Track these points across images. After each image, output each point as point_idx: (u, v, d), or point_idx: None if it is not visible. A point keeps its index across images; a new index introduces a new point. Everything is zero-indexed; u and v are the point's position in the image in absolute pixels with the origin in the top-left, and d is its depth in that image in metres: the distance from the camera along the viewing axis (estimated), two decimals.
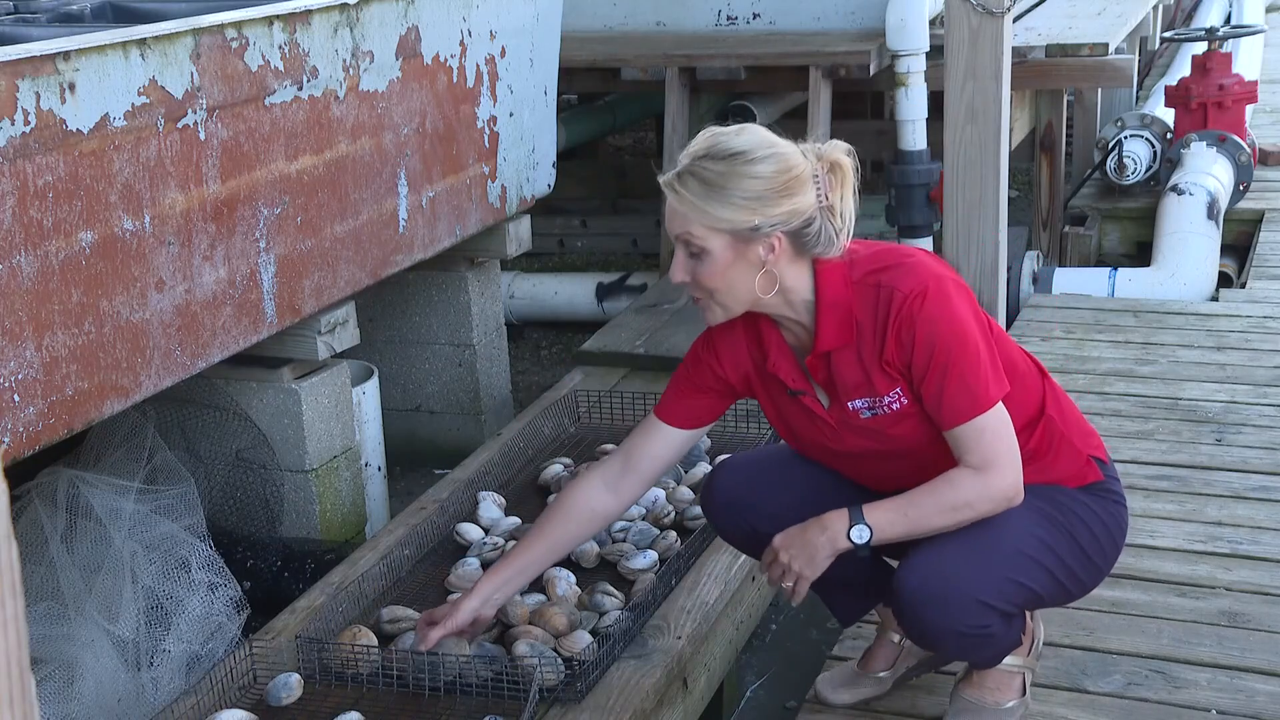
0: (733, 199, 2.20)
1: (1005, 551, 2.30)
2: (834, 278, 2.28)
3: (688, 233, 2.24)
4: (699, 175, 2.21)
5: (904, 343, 2.24)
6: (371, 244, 3.87)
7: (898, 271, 2.26)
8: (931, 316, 2.22)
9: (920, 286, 2.23)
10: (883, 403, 2.30)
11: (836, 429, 2.37)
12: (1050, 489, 2.37)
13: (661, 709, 2.75)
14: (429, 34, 4.05)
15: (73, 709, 3.08)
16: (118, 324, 3.00)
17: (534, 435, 3.90)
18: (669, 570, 3.06)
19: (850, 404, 2.33)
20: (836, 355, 2.31)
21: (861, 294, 2.27)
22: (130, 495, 3.40)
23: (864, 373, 2.30)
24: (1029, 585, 2.32)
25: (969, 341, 2.23)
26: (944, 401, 2.24)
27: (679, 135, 5.96)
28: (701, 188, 2.21)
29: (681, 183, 2.23)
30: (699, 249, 2.24)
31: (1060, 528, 2.35)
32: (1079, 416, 2.48)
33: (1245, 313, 5.16)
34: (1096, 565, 2.43)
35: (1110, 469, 2.47)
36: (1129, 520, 2.49)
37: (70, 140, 2.83)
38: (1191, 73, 6.77)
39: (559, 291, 6.22)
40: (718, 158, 2.21)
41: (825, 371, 2.34)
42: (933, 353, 2.22)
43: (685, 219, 2.23)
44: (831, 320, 2.28)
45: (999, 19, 4.15)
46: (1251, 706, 2.70)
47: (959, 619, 2.27)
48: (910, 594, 2.29)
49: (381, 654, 2.77)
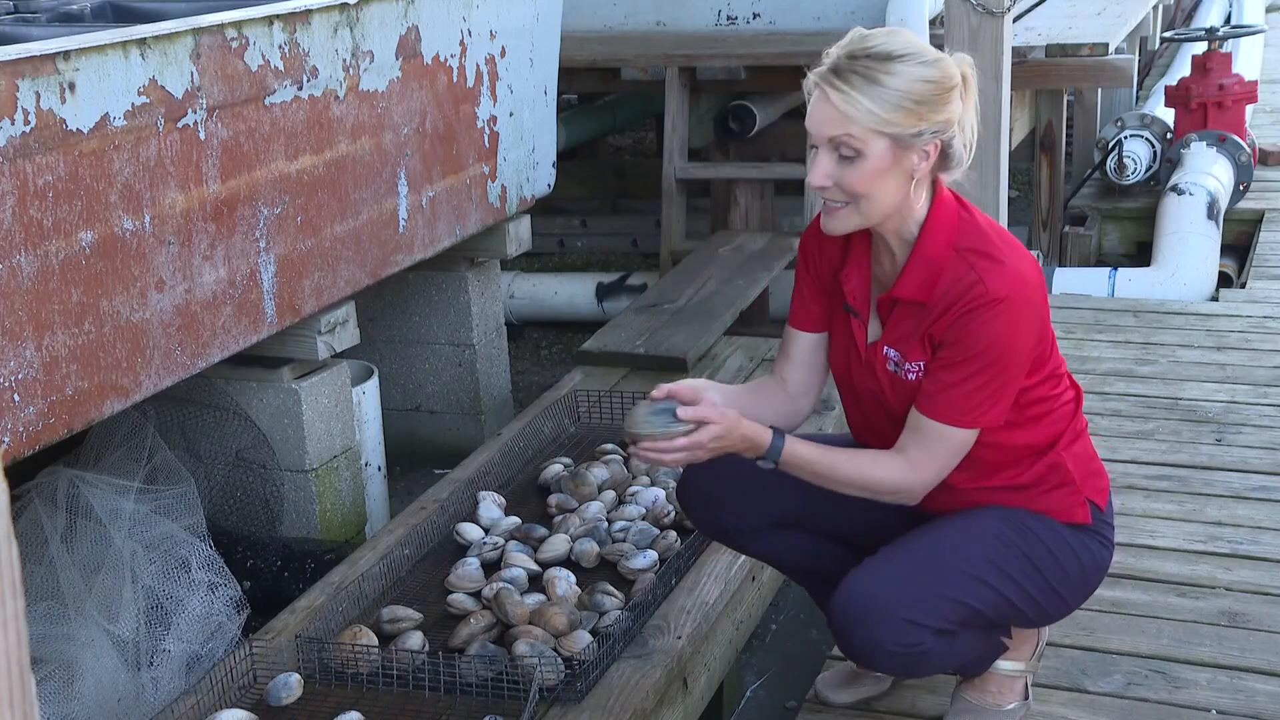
0: (902, 101, 2.12)
1: (944, 569, 2.29)
2: (942, 233, 2.24)
3: (847, 134, 2.13)
4: (864, 74, 2.11)
5: (953, 328, 2.21)
6: (371, 244, 3.87)
7: (993, 266, 2.20)
8: (991, 323, 2.18)
9: (1002, 295, 2.18)
10: (904, 367, 2.29)
11: (863, 362, 2.35)
12: (1027, 516, 2.35)
13: (661, 709, 2.75)
14: (429, 34, 4.05)
15: (73, 709, 3.08)
16: (118, 324, 3.00)
17: (534, 435, 3.90)
18: (669, 570, 3.06)
19: (886, 349, 2.31)
20: (903, 303, 2.29)
21: (955, 264, 2.22)
22: (130, 495, 3.40)
23: (913, 332, 2.28)
24: (968, 603, 2.29)
25: (1003, 366, 2.21)
26: (939, 391, 2.23)
27: (679, 135, 5.96)
28: (869, 86, 2.12)
29: (844, 80, 2.12)
30: (855, 151, 2.14)
31: (1020, 554, 2.33)
32: (1091, 457, 2.44)
33: (1245, 313, 5.16)
34: (1062, 597, 2.41)
35: (1105, 515, 2.44)
36: (1110, 562, 2.47)
37: (70, 140, 2.83)
38: (1191, 73, 6.77)
39: (559, 291, 6.22)
40: (880, 58, 2.13)
41: (887, 311, 2.32)
42: (967, 351, 2.20)
43: (845, 120, 2.13)
44: (918, 273, 2.25)
45: (999, 19, 4.16)
46: (1251, 706, 2.70)
47: (886, 637, 2.25)
48: (838, 613, 2.28)
49: (381, 654, 2.76)
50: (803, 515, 2.50)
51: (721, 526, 2.55)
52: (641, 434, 2.21)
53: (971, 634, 2.37)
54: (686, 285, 5.22)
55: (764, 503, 2.49)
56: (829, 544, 2.54)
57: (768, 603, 3.44)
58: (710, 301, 5.02)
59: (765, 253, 5.63)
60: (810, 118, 2.18)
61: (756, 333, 5.07)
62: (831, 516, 2.50)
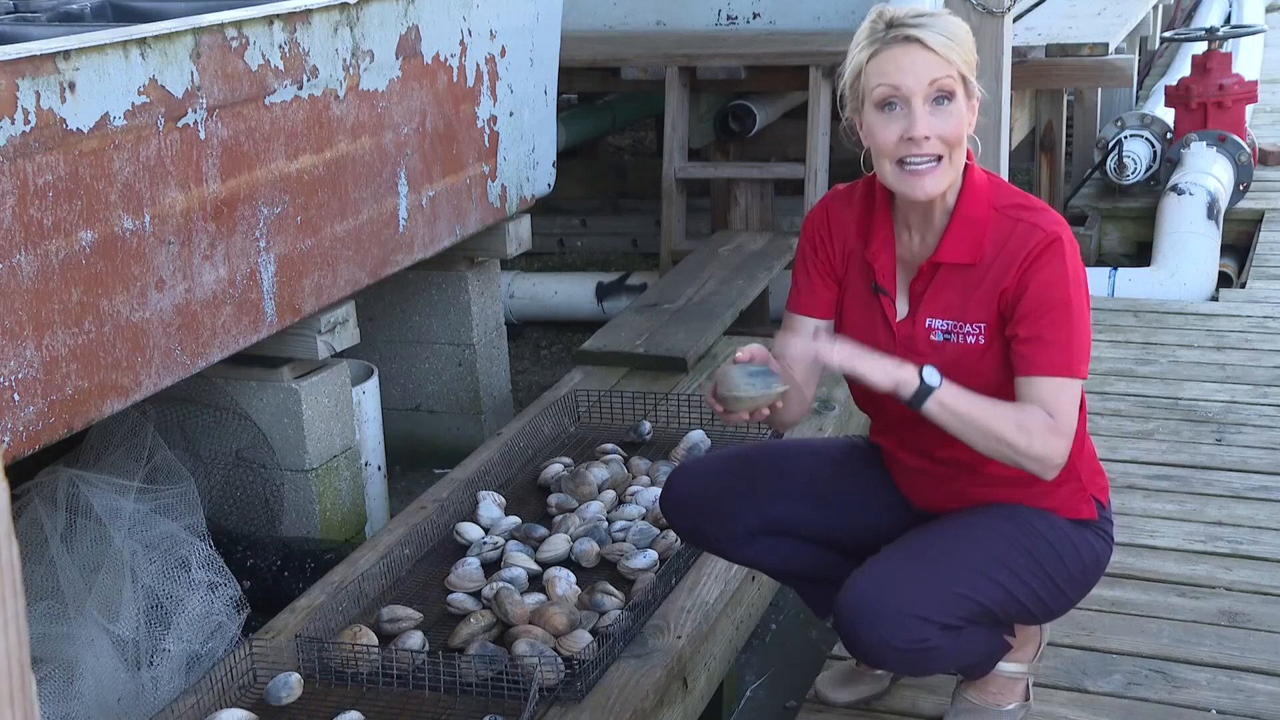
0: (968, 45, 2.23)
1: (951, 566, 2.28)
2: (980, 194, 2.28)
3: (948, 75, 2.19)
4: (933, 26, 2.20)
5: (1025, 276, 2.21)
6: (371, 243, 3.87)
7: (1040, 213, 2.26)
8: (1063, 259, 2.21)
9: (1058, 233, 2.23)
10: (963, 330, 2.27)
11: (896, 340, 2.33)
12: (1033, 513, 2.36)
13: (661, 709, 2.75)
14: (429, 33, 4.05)
15: (73, 708, 3.08)
16: (118, 323, 3.00)
17: (534, 435, 3.90)
18: (669, 570, 3.06)
19: (929, 321, 2.30)
20: (946, 270, 2.29)
21: (1000, 222, 2.26)
22: (130, 495, 3.40)
23: (964, 296, 2.27)
24: (975, 599, 2.29)
25: (1084, 307, 2.24)
26: (1041, 348, 2.20)
27: (679, 135, 5.96)
28: (946, 28, 2.21)
29: (927, 29, 2.19)
30: (950, 94, 2.20)
31: (1025, 550, 2.33)
32: (1094, 456, 2.46)
33: (1245, 313, 5.16)
34: (1065, 593, 2.41)
35: (1107, 513, 2.45)
36: (1111, 557, 2.47)
37: (70, 139, 2.83)
38: (1191, 73, 6.77)
39: (559, 291, 6.21)
40: (930, 14, 2.22)
41: (924, 282, 2.31)
42: (1053, 294, 2.20)
43: (943, 61, 2.19)
44: (963, 235, 2.26)
45: (999, 19, 4.16)
46: (1251, 706, 2.70)
47: (893, 634, 2.24)
48: (845, 611, 2.27)
49: (381, 654, 2.76)
50: (786, 522, 2.50)
51: (704, 535, 2.54)
52: (745, 396, 2.16)
53: (977, 631, 2.37)
54: (686, 285, 5.22)
55: (747, 511, 2.48)
56: (815, 549, 2.54)
57: (768, 603, 3.44)
58: (710, 301, 5.03)
59: (765, 253, 5.63)
60: (903, 71, 2.19)
61: (756, 333, 5.07)
62: (815, 522, 2.50)
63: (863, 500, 2.50)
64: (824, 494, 2.50)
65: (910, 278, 2.33)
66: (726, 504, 2.49)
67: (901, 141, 2.20)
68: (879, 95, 2.21)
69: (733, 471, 2.53)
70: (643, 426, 3.93)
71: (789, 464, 2.53)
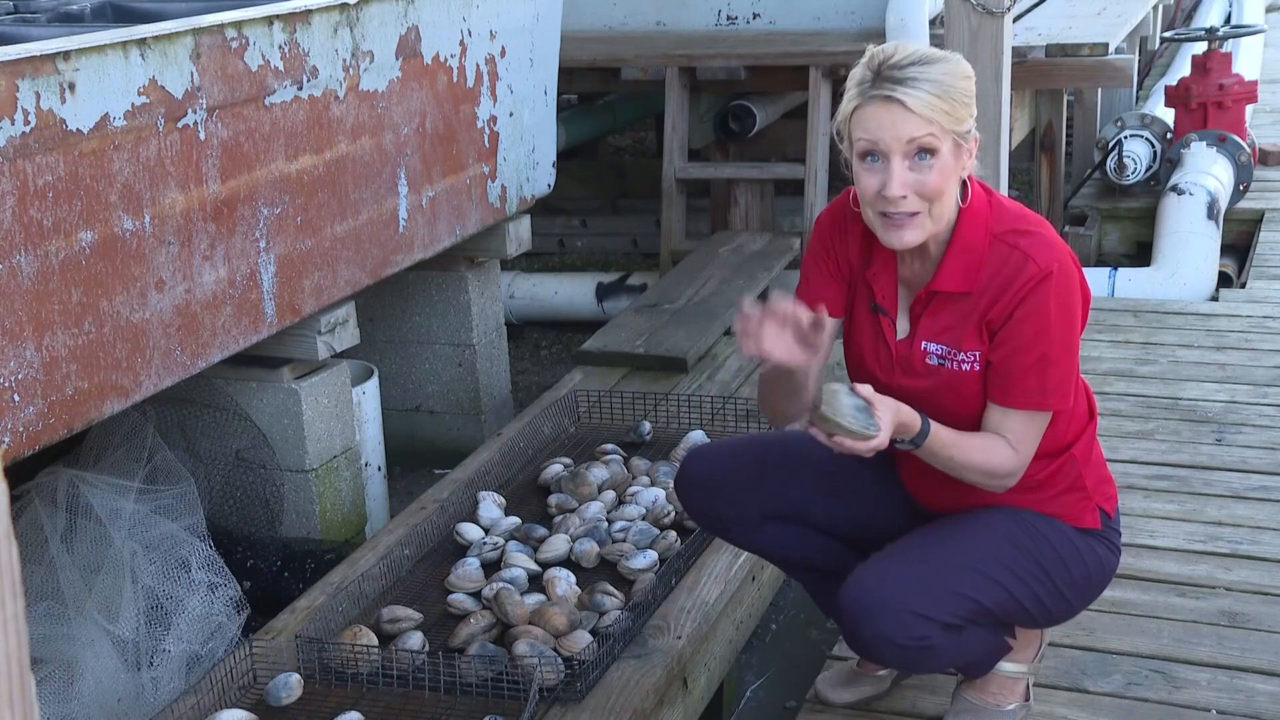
0: (960, 97, 2.18)
1: (954, 566, 2.30)
2: (978, 222, 2.27)
3: (930, 134, 2.16)
4: (922, 77, 2.16)
5: (1011, 309, 2.22)
6: (371, 244, 3.87)
7: (1036, 241, 2.25)
8: (1047, 297, 2.21)
9: (1052, 266, 2.22)
10: (957, 358, 2.29)
11: (895, 361, 2.34)
12: (1037, 518, 2.37)
13: (661, 709, 2.76)
14: (429, 34, 4.05)
15: (73, 709, 3.08)
16: (118, 324, 3.00)
17: (534, 435, 3.90)
18: (669, 570, 3.06)
19: (925, 344, 2.31)
20: (942, 297, 2.29)
21: (997, 249, 2.25)
22: (130, 495, 3.40)
23: (959, 322, 2.28)
24: (976, 599, 2.30)
25: (1068, 342, 2.25)
26: (1015, 378, 2.23)
27: (679, 135, 5.96)
28: (933, 85, 2.16)
29: (910, 86, 2.15)
30: (931, 151, 2.17)
31: (1029, 554, 2.34)
32: (1102, 463, 2.47)
33: (1245, 313, 5.16)
34: (1067, 599, 2.42)
35: (1114, 523, 2.46)
36: (1116, 568, 2.48)
37: (70, 140, 2.83)
38: (1191, 73, 6.77)
39: (559, 291, 6.21)
40: (923, 62, 2.17)
41: (922, 305, 2.32)
42: (1031, 330, 2.22)
43: (923, 120, 2.16)
44: (960, 264, 2.27)
45: (999, 19, 4.16)
46: (1251, 706, 2.70)
47: (894, 630, 2.25)
48: (847, 605, 2.29)
49: (381, 654, 2.77)
50: (797, 508, 2.51)
51: (718, 516, 2.55)
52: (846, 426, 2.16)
53: (978, 631, 2.37)
54: (686, 285, 5.22)
55: (761, 494, 2.50)
56: (825, 539, 2.55)
57: (768, 603, 3.44)
58: (710, 301, 5.03)
59: (765, 253, 5.63)
60: (881, 128, 2.18)
61: None
62: (824, 512, 2.51)
63: (871, 495, 2.52)
64: (834, 485, 2.51)
65: (911, 300, 2.35)
66: (740, 487, 2.51)
67: (878, 196, 2.21)
68: (859, 148, 2.22)
69: (747, 455, 2.55)
70: (643, 427, 3.93)
71: (802, 452, 2.53)
